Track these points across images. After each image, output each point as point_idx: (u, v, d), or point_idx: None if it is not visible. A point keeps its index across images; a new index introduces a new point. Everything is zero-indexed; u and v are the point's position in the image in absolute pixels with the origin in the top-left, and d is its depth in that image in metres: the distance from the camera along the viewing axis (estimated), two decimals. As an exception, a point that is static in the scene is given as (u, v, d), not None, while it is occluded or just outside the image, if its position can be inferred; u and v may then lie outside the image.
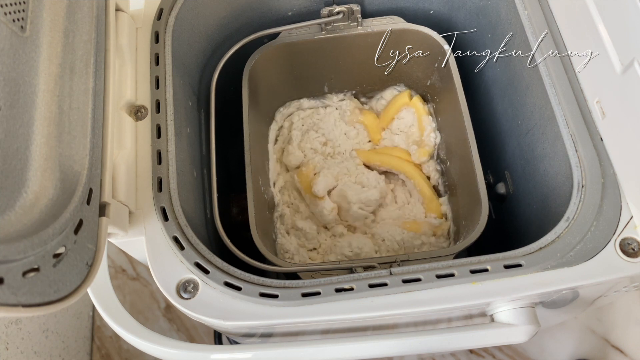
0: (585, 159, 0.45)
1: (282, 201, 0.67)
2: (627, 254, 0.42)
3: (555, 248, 0.43)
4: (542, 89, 0.50)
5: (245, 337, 0.53)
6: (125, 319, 0.46)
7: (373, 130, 0.71)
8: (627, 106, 0.40)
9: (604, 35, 0.42)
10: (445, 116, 0.67)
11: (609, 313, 0.86)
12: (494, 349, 0.87)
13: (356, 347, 0.43)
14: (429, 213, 0.66)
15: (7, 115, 0.33)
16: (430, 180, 0.68)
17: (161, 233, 0.45)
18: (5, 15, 0.34)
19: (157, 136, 0.49)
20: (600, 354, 0.84)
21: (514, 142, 0.59)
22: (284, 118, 0.73)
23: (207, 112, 0.61)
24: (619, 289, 0.49)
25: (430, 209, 0.66)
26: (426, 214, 0.66)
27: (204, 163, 0.58)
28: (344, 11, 0.61)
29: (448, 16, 0.66)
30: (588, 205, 0.44)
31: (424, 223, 0.65)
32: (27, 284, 0.31)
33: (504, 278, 0.42)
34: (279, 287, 0.43)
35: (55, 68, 0.38)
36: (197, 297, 0.43)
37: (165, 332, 0.91)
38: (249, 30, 0.62)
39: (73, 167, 0.38)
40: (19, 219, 0.32)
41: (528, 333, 0.43)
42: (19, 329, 0.71)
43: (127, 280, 0.95)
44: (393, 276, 0.43)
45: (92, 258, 0.38)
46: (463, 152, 0.59)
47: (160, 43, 0.53)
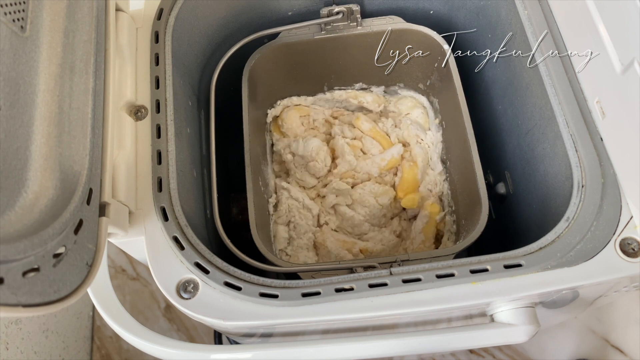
0: (585, 159, 0.45)
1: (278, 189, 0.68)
2: (627, 254, 0.42)
3: (555, 248, 0.43)
4: (542, 89, 0.50)
5: (245, 337, 0.53)
6: (125, 319, 0.46)
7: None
8: (627, 106, 0.40)
9: (604, 35, 0.42)
10: (445, 116, 0.67)
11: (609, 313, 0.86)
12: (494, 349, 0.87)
13: (356, 347, 0.43)
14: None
15: (7, 115, 0.33)
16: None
17: (161, 233, 0.45)
18: (5, 15, 0.34)
19: (157, 136, 0.49)
20: (600, 354, 0.84)
21: (514, 142, 0.59)
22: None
23: (207, 112, 0.60)
24: (619, 289, 0.49)
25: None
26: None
27: (204, 163, 0.58)
28: (344, 11, 0.61)
29: (448, 16, 0.66)
30: (588, 205, 0.44)
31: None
32: (27, 284, 0.31)
33: (504, 278, 0.42)
34: (279, 287, 0.43)
35: (55, 68, 0.38)
36: (197, 297, 0.43)
37: (165, 332, 0.91)
38: (249, 30, 0.62)
39: (73, 167, 0.38)
40: (19, 219, 0.32)
41: (528, 333, 0.43)
42: (19, 329, 0.71)
43: (127, 280, 0.95)
44: (393, 276, 0.43)
45: (92, 258, 0.38)
46: (463, 152, 0.59)
47: (160, 43, 0.53)
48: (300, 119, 0.71)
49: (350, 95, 0.72)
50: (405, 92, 0.72)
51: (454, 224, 0.64)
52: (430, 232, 0.64)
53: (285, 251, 0.64)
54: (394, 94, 0.72)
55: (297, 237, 0.64)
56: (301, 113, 0.71)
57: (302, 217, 0.65)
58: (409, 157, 0.69)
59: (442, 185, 0.67)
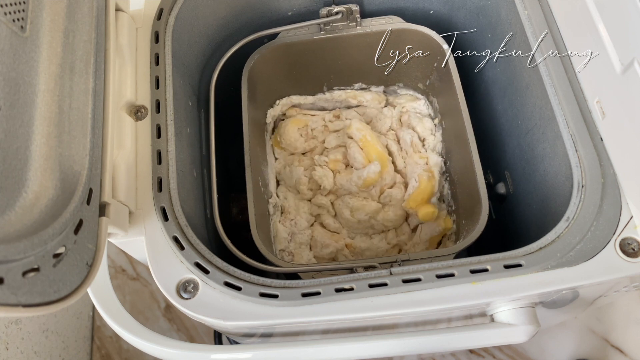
0: (585, 159, 0.45)
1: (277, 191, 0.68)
2: (627, 254, 0.42)
3: (555, 248, 0.43)
4: (542, 89, 0.50)
5: (245, 337, 0.53)
6: (125, 319, 0.46)
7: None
8: (627, 106, 0.40)
9: (604, 35, 0.42)
10: (445, 116, 0.67)
11: (609, 313, 0.86)
12: (494, 349, 0.87)
13: (356, 347, 0.43)
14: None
15: (7, 115, 0.33)
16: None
17: (161, 233, 0.45)
18: (5, 15, 0.34)
19: (157, 136, 0.49)
20: (600, 354, 0.84)
21: (514, 142, 0.59)
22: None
23: (207, 112, 0.60)
24: (619, 289, 0.49)
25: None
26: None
27: (204, 163, 0.58)
28: (343, 11, 0.61)
29: (448, 16, 0.66)
30: (588, 205, 0.44)
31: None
32: (27, 284, 0.31)
33: (504, 278, 0.42)
34: (279, 287, 0.43)
35: (55, 68, 0.38)
36: (197, 297, 0.43)
37: (165, 332, 0.91)
38: (249, 30, 0.62)
39: (73, 167, 0.38)
40: (19, 219, 0.32)
41: (528, 333, 0.43)
42: (19, 329, 0.71)
43: (127, 280, 0.95)
44: (393, 276, 0.43)
45: (92, 258, 0.38)
46: (463, 152, 0.59)
47: (160, 43, 0.53)
48: (298, 131, 0.70)
49: (350, 95, 0.72)
50: (405, 92, 0.72)
51: (454, 224, 0.64)
52: (435, 241, 0.64)
53: (286, 250, 0.64)
54: (394, 93, 0.72)
55: (298, 232, 0.65)
56: (299, 125, 0.70)
57: (300, 215, 0.66)
58: (426, 167, 0.66)
59: (442, 185, 0.67)
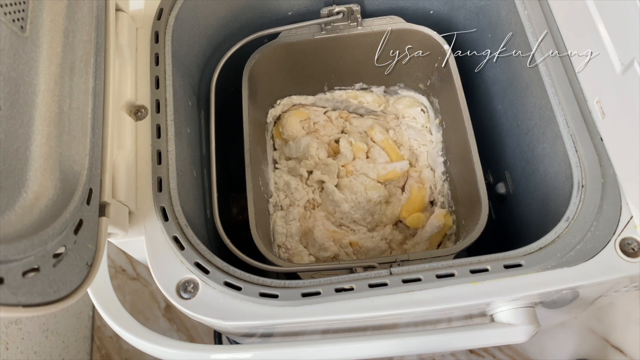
0: (585, 159, 0.45)
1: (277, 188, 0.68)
2: (627, 254, 0.42)
3: (555, 248, 0.43)
4: (542, 89, 0.50)
5: (245, 337, 0.53)
6: (125, 319, 0.46)
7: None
8: (627, 106, 0.40)
9: (604, 35, 0.42)
10: (445, 116, 0.67)
11: (609, 313, 0.86)
12: (494, 349, 0.87)
13: (356, 347, 0.43)
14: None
15: (7, 115, 0.33)
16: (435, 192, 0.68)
17: (161, 233, 0.45)
18: (5, 15, 0.34)
19: (157, 136, 0.49)
20: (600, 354, 0.84)
21: (514, 142, 0.59)
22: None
23: (207, 112, 0.61)
24: (619, 289, 0.49)
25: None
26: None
27: (204, 163, 0.58)
28: (344, 11, 0.61)
29: (448, 16, 0.66)
30: (588, 205, 0.44)
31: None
32: (27, 284, 0.31)
33: (504, 278, 0.42)
34: (279, 287, 0.43)
35: (55, 68, 0.38)
36: (197, 297, 0.43)
37: (165, 332, 0.91)
38: (249, 30, 0.62)
39: (73, 167, 0.38)
40: (19, 219, 0.32)
41: (528, 333, 0.43)
42: (19, 329, 0.71)
43: (127, 280, 0.95)
44: (393, 276, 0.43)
45: (92, 258, 0.38)
46: (463, 152, 0.59)
47: (160, 43, 0.53)
48: (300, 123, 0.70)
49: (351, 95, 0.72)
50: (405, 92, 0.72)
51: (454, 224, 0.64)
52: (436, 241, 0.64)
53: (284, 246, 0.64)
54: (394, 94, 0.72)
55: (287, 223, 0.65)
56: (301, 117, 0.71)
57: (294, 198, 0.66)
58: (418, 179, 0.68)
59: (442, 185, 0.67)
